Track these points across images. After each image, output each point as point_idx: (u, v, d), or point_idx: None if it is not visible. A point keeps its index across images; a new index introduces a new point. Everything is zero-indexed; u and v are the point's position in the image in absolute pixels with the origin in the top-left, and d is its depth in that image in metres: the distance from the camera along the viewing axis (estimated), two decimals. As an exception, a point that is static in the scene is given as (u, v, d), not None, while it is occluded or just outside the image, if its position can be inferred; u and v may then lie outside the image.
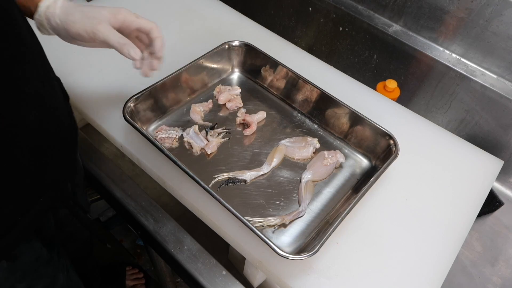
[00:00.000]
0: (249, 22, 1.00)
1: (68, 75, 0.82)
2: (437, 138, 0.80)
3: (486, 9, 0.83)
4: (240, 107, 0.81)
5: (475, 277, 0.80)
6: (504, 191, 0.95)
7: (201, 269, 0.66)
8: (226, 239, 0.65)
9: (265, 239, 0.56)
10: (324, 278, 0.60)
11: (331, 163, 0.71)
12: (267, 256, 0.60)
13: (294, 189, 0.70)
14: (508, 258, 0.83)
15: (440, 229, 0.67)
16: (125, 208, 0.72)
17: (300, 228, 0.65)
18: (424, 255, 0.64)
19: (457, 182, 0.73)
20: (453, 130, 0.99)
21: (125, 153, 0.75)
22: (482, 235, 0.86)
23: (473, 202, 0.71)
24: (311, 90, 0.78)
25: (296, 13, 1.18)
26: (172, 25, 0.96)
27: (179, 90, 0.79)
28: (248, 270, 0.72)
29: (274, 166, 0.72)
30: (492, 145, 0.93)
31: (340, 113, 0.76)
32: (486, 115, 0.92)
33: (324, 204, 0.68)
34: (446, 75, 0.94)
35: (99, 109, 0.78)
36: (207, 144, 0.73)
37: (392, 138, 0.70)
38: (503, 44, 0.85)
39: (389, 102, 0.85)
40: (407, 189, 0.71)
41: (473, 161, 0.77)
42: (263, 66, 0.84)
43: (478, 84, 0.90)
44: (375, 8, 1.01)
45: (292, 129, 0.79)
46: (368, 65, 1.09)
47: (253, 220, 0.64)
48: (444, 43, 0.94)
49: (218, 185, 0.69)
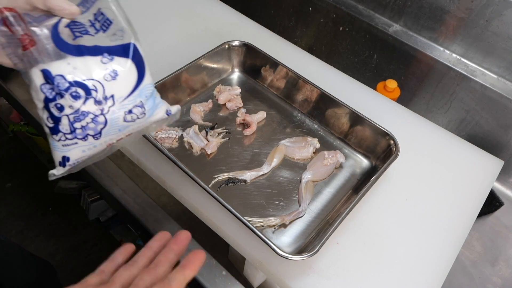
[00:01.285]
0: (249, 22, 1.00)
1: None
2: (437, 138, 0.80)
3: (486, 9, 0.83)
4: (240, 107, 0.81)
5: (475, 277, 0.80)
6: (504, 191, 0.95)
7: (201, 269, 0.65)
8: (226, 239, 0.65)
9: (265, 239, 0.56)
10: (324, 278, 0.60)
11: (331, 163, 0.71)
12: (267, 256, 0.60)
13: (294, 189, 0.69)
14: (508, 258, 0.83)
15: (440, 229, 0.67)
16: (125, 208, 0.72)
17: (300, 228, 0.65)
18: (424, 255, 0.64)
19: (457, 182, 0.73)
20: (453, 130, 0.99)
21: (125, 153, 0.75)
22: (482, 235, 0.86)
23: (473, 202, 0.71)
24: (311, 90, 0.78)
25: (296, 13, 1.18)
26: (172, 25, 0.96)
27: (179, 90, 0.79)
28: (248, 270, 0.72)
29: (274, 166, 0.72)
30: (492, 145, 0.93)
31: (340, 113, 0.75)
32: (486, 115, 0.92)
33: (324, 204, 0.68)
34: (446, 75, 0.94)
35: (99, 109, 0.78)
36: (207, 144, 0.73)
37: (392, 138, 0.70)
38: (504, 44, 0.85)
39: (389, 102, 0.85)
40: (407, 189, 0.71)
41: (473, 161, 0.77)
42: (263, 66, 0.84)
43: (478, 84, 0.89)
44: (375, 8, 1.01)
45: (292, 129, 0.78)
46: (368, 65, 1.09)
47: (253, 220, 0.64)
48: (444, 43, 0.94)
49: (218, 185, 0.69)
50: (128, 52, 0.42)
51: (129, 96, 0.42)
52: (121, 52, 0.42)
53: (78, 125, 0.40)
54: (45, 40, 0.40)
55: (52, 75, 0.39)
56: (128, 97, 0.42)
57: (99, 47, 0.41)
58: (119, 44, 0.42)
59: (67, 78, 0.39)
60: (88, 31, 0.42)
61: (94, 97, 0.40)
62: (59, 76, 0.39)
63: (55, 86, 0.39)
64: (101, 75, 0.41)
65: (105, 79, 0.41)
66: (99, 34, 0.42)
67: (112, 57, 0.41)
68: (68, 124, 0.40)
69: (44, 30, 0.40)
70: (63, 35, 0.40)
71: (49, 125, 0.41)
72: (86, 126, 0.41)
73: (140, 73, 0.43)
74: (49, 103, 0.40)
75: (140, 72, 0.43)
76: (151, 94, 0.44)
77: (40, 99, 0.40)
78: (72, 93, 0.39)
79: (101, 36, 0.42)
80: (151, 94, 0.44)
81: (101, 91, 0.40)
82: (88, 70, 0.40)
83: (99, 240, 1.50)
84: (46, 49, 0.39)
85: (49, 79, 0.39)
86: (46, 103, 0.40)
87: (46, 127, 0.42)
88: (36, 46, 0.39)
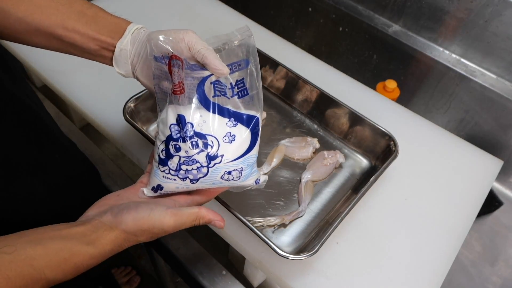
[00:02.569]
0: (249, 22, 1.00)
1: (68, 75, 0.82)
2: (437, 138, 0.80)
3: (485, 9, 0.83)
4: (240, 107, 0.81)
5: (474, 277, 0.80)
6: (504, 191, 0.95)
7: (201, 269, 0.66)
8: (226, 239, 0.65)
9: (265, 239, 0.56)
10: (323, 278, 0.60)
11: (331, 163, 0.71)
12: (267, 256, 0.60)
13: (294, 189, 0.70)
14: (508, 258, 0.83)
15: (439, 229, 0.67)
16: (125, 208, 0.72)
17: (300, 228, 0.65)
18: (424, 255, 0.64)
19: (456, 182, 0.74)
20: (453, 130, 0.99)
21: (125, 153, 0.75)
22: (482, 235, 0.86)
23: (473, 202, 0.71)
24: (311, 90, 0.78)
25: (296, 13, 1.18)
26: (172, 25, 0.96)
27: (179, 90, 0.79)
28: (248, 270, 0.72)
29: (274, 166, 0.72)
30: (491, 145, 0.93)
31: (340, 113, 0.76)
32: (486, 115, 0.92)
33: (324, 204, 0.68)
34: (446, 75, 0.94)
35: (99, 109, 0.78)
36: (207, 144, 0.73)
37: (391, 138, 0.70)
38: (503, 44, 0.85)
39: (389, 102, 0.85)
40: (406, 189, 0.71)
41: (473, 161, 0.77)
42: (263, 66, 0.84)
43: (477, 84, 0.90)
44: (375, 8, 1.01)
45: (292, 129, 0.79)
46: (368, 65, 1.09)
47: (253, 220, 0.64)
48: (443, 44, 0.94)
49: (218, 185, 0.69)
50: (251, 123, 0.47)
51: (235, 160, 0.46)
52: (245, 121, 0.47)
53: (184, 167, 0.45)
54: (191, 89, 0.45)
55: (185, 121, 0.44)
56: (234, 161, 0.46)
57: (229, 110, 0.46)
58: (246, 113, 0.47)
59: (195, 129, 0.44)
60: (226, 93, 0.46)
61: (208, 152, 0.45)
62: (189, 124, 0.44)
63: (183, 131, 0.44)
64: (222, 135, 0.45)
65: (223, 140, 0.45)
66: (234, 99, 0.47)
67: (236, 123, 0.46)
68: (177, 163, 0.45)
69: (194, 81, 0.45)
70: (206, 89, 0.45)
71: (161, 157, 0.46)
72: (190, 171, 0.45)
73: (252, 144, 0.47)
74: (171, 141, 0.45)
75: (252, 142, 0.47)
76: (252, 163, 0.48)
77: (165, 134, 0.45)
78: (193, 141, 0.44)
79: (234, 100, 0.47)
80: (252, 163, 0.48)
81: (216, 149, 0.45)
82: (213, 127, 0.45)
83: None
84: (190, 98, 0.45)
85: (181, 123, 0.45)
86: (168, 140, 0.45)
87: (157, 155, 0.46)
88: (184, 94, 0.44)
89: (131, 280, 1.26)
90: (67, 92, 0.80)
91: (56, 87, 0.82)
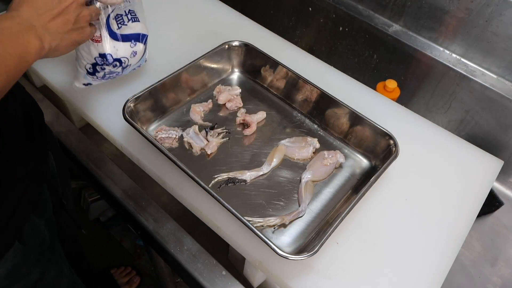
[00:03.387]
0: (249, 22, 1.00)
1: (68, 75, 0.82)
2: (437, 138, 0.80)
3: (486, 9, 0.83)
4: (240, 107, 0.81)
5: (475, 277, 0.80)
6: (504, 191, 0.95)
7: (201, 269, 0.66)
8: (226, 239, 0.65)
9: (265, 239, 0.56)
10: (324, 278, 0.60)
11: (331, 163, 0.71)
12: (267, 256, 0.60)
13: (294, 189, 0.70)
14: (508, 258, 0.83)
15: (440, 229, 0.67)
16: (125, 208, 0.72)
17: (300, 228, 0.65)
18: (424, 255, 0.64)
19: (457, 182, 0.73)
20: (453, 130, 0.99)
21: (125, 153, 0.75)
22: (482, 235, 0.86)
23: (473, 202, 0.71)
24: (311, 90, 0.78)
25: (296, 13, 1.18)
26: (172, 25, 0.96)
27: (179, 90, 0.79)
28: (248, 270, 0.72)
29: (274, 166, 0.72)
30: (492, 145, 0.93)
31: (340, 113, 0.76)
32: (486, 115, 0.92)
33: (324, 204, 0.68)
34: (446, 75, 0.94)
35: (99, 109, 0.78)
36: (207, 144, 0.73)
37: (392, 138, 0.70)
38: (503, 44, 0.85)
39: (389, 102, 0.85)
40: (407, 189, 0.71)
41: (473, 161, 0.77)
42: (263, 66, 0.84)
43: (478, 84, 0.89)
44: (375, 8, 1.01)
45: (292, 129, 0.79)
46: (368, 65, 1.09)
47: (253, 220, 0.64)
48: (444, 43, 0.94)
49: (218, 185, 0.69)
50: (144, 39, 0.70)
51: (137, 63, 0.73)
52: (140, 39, 0.69)
53: (107, 76, 0.70)
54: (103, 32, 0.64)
55: (105, 54, 0.65)
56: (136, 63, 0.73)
57: (130, 35, 0.67)
58: (140, 33, 0.69)
59: (113, 56, 0.66)
60: (124, 22, 0.66)
61: (122, 66, 0.69)
62: (109, 55, 0.65)
63: (105, 60, 0.66)
64: (129, 54, 0.68)
65: (130, 56, 0.69)
66: (130, 23, 0.67)
67: (135, 43, 0.69)
68: (103, 75, 0.69)
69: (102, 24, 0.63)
70: (112, 26, 0.64)
71: (89, 70, 0.67)
72: (111, 76, 0.71)
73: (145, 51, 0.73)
74: (97, 66, 0.67)
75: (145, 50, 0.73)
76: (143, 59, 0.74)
77: (89, 62, 0.66)
78: (113, 63, 0.67)
79: (130, 24, 0.67)
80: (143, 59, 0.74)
81: (127, 63, 0.69)
82: (123, 51, 0.67)
83: (99, 240, 1.50)
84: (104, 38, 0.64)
85: (103, 56, 0.65)
86: (95, 65, 0.66)
87: (84, 68, 0.67)
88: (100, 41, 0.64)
89: (131, 280, 1.26)
90: (67, 92, 0.80)
91: (56, 87, 0.82)
